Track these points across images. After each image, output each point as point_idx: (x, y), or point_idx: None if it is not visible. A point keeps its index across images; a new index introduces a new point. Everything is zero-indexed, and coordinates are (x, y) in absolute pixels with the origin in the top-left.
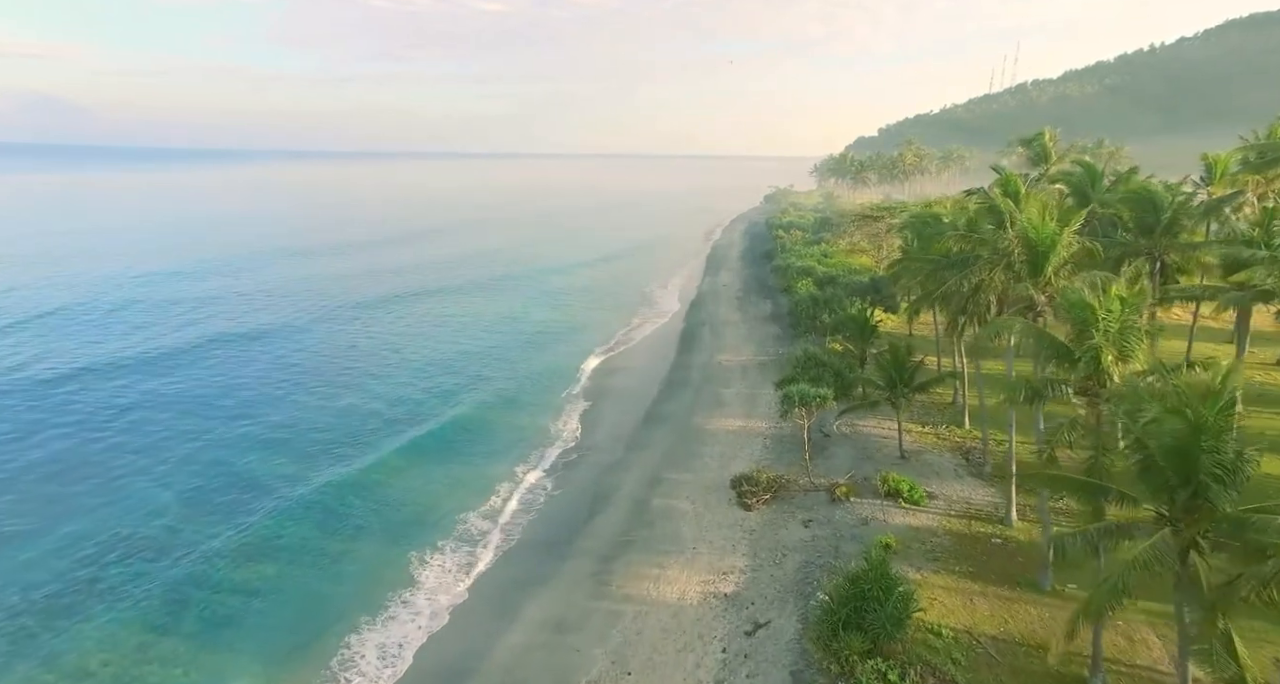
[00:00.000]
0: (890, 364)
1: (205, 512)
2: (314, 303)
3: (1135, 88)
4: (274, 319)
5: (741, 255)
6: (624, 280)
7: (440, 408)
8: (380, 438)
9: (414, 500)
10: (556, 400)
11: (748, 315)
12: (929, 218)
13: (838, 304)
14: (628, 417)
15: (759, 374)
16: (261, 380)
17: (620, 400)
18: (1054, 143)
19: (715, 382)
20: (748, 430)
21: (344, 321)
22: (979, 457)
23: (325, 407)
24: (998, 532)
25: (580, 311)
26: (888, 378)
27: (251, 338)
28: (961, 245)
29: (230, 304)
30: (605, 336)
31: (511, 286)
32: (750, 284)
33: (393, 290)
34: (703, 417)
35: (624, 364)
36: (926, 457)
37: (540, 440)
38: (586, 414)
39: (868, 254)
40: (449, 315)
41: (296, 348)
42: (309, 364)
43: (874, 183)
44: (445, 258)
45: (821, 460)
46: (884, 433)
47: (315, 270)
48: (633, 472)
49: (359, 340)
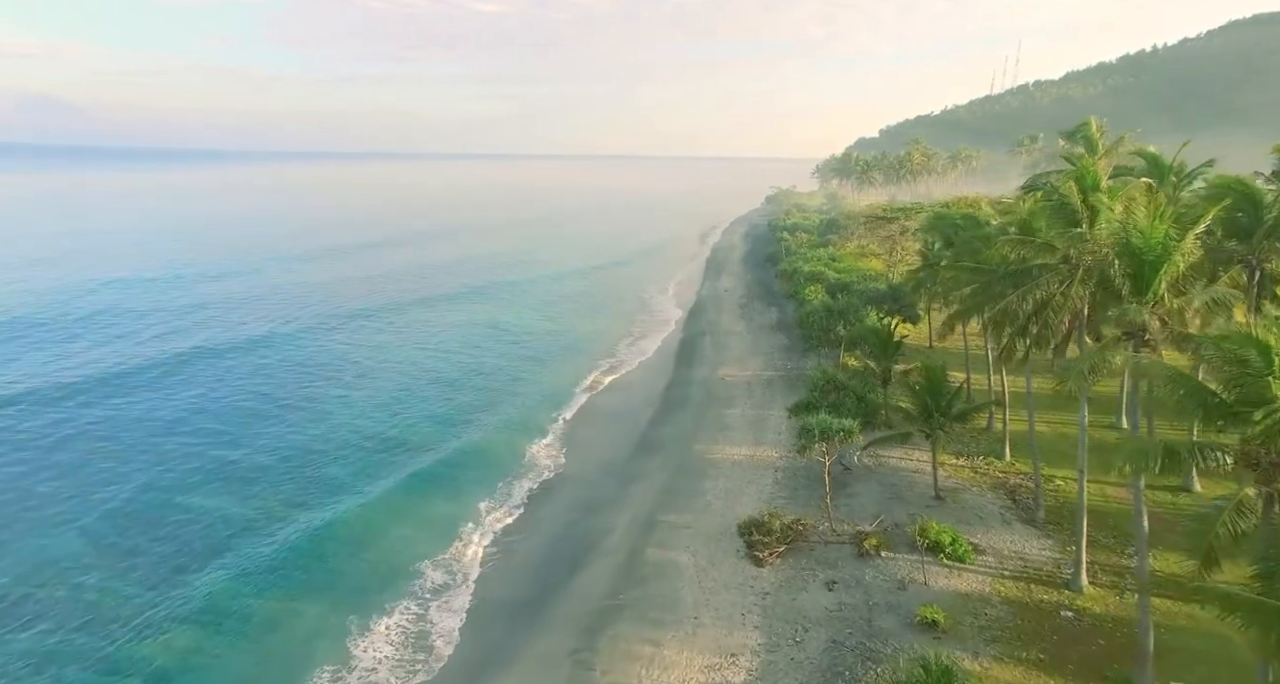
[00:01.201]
0: (925, 389)
1: (125, 571)
2: (299, 312)
3: (1138, 88)
4: (253, 331)
5: (743, 258)
6: (620, 285)
7: (410, 433)
8: (342, 470)
9: (368, 548)
10: (539, 422)
11: (752, 324)
12: (961, 219)
13: (853, 314)
14: (619, 443)
15: (766, 391)
16: (223, 404)
17: (611, 423)
18: (1102, 134)
19: (718, 400)
20: (756, 461)
21: (326, 333)
22: (1029, 498)
23: (288, 435)
24: (1066, 600)
25: (572, 319)
26: (922, 405)
27: (223, 353)
28: (1019, 252)
29: (209, 314)
30: (597, 348)
31: (502, 293)
32: (754, 289)
33: (380, 298)
34: (704, 443)
35: (617, 380)
36: (965, 497)
37: (517, 471)
38: (572, 439)
39: (879, 258)
40: (434, 326)
41: (271, 365)
42: (281, 384)
43: (880, 183)
44: (437, 263)
45: (843, 500)
46: (913, 465)
47: (305, 276)
48: (624, 512)
49: (339, 355)
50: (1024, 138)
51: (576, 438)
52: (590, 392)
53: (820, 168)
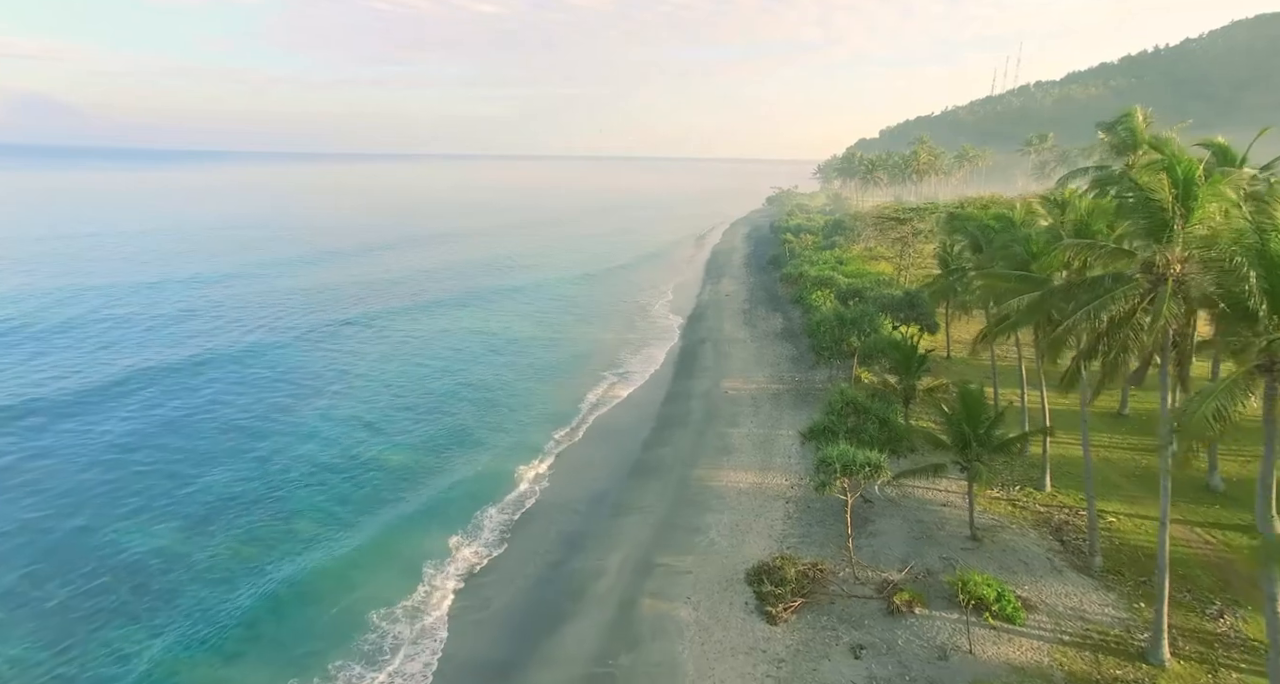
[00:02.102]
0: (962, 416)
1: (38, 634)
2: (284, 321)
3: (1141, 90)
4: (233, 343)
5: (745, 261)
6: (618, 289)
7: (387, 456)
8: (309, 500)
9: (325, 595)
10: (522, 442)
11: (756, 331)
12: (993, 220)
13: (868, 323)
14: (612, 465)
15: (773, 407)
16: (189, 425)
17: (605, 442)
18: (1148, 124)
19: (720, 417)
20: (764, 489)
21: (309, 344)
22: (1079, 540)
23: (257, 458)
24: (1147, 679)
25: (567, 327)
26: (957, 433)
27: (196, 367)
28: (1083, 258)
29: (189, 324)
30: (591, 357)
31: (496, 299)
32: (757, 294)
33: (370, 306)
34: (706, 468)
35: (611, 392)
36: (1005, 536)
37: (497, 498)
38: (559, 461)
39: (889, 261)
40: (422, 336)
41: (249, 379)
42: (257, 400)
43: (885, 183)
44: (431, 267)
45: (865, 539)
46: (942, 497)
47: (293, 282)
48: (616, 551)
49: (321, 367)
50: (1033, 137)
51: (563, 460)
52: (584, 406)
53: (822, 168)
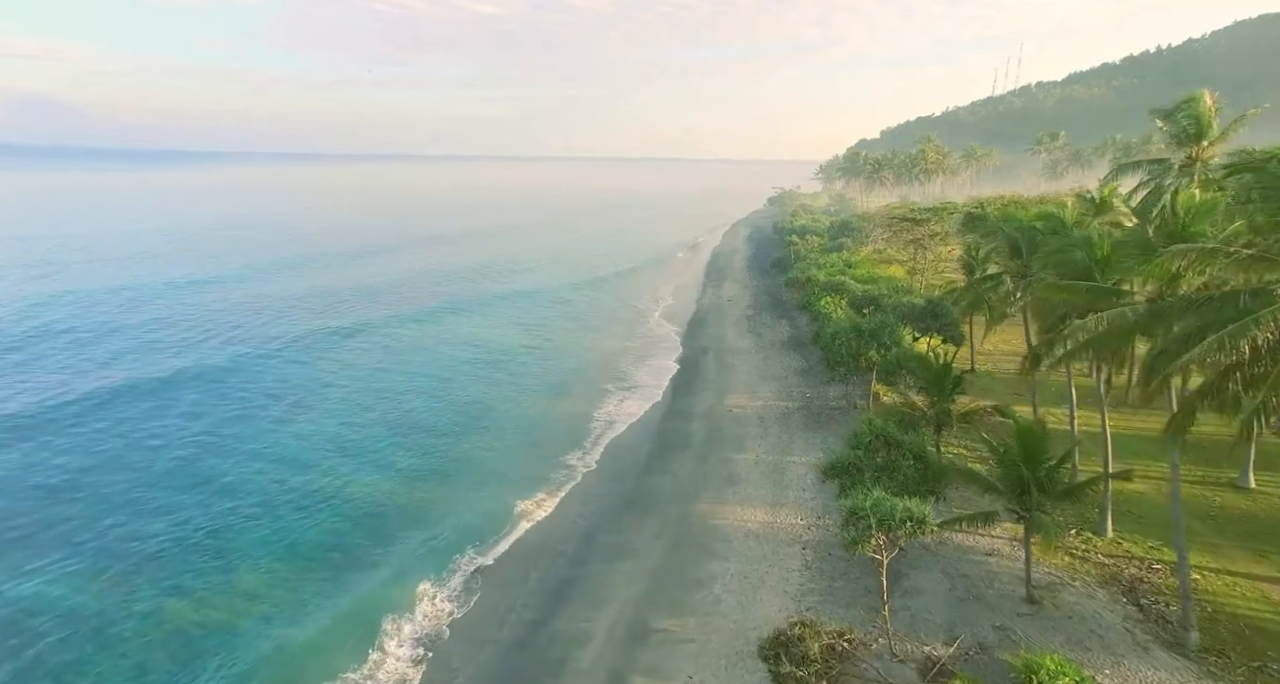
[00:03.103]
0: (1020, 458)
1: None
2: (262, 330)
3: (1143, 89)
4: (201, 355)
5: (747, 264)
6: (615, 293)
7: (350, 484)
8: (255, 536)
9: (258, 668)
10: (511, 467)
11: (761, 340)
12: (1041, 222)
13: (888, 335)
14: (602, 497)
15: (782, 428)
16: (131, 459)
17: (596, 469)
18: (1216, 110)
19: (725, 441)
20: (776, 530)
21: (287, 356)
22: (1161, 603)
23: (207, 490)
24: None
25: (561, 333)
26: (1013, 478)
27: (157, 385)
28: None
29: (162, 335)
30: (588, 370)
31: (491, 304)
32: (761, 299)
33: (358, 314)
34: (709, 501)
35: (610, 411)
36: (1069, 598)
37: (468, 534)
38: (553, 493)
39: (901, 264)
40: (407, 347)
41: (209, 400)
42: (210, 427)
43: (891, 183)
44: (426, 271)
45: (899, 598)
46: (985, 543)
47: (278, 288)
48: (605, 608)
49: (295, 382)
50: (1043, 136)
51: (555, 492)
52: (573, 423)
53: (824, 168)
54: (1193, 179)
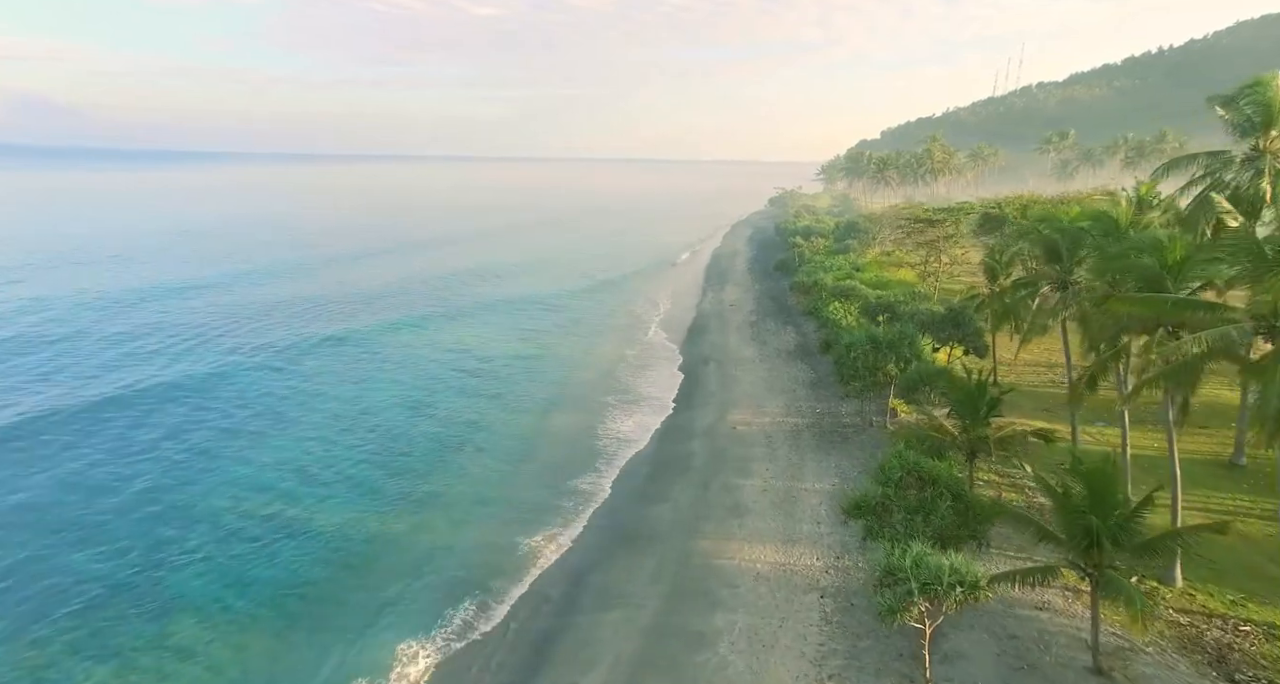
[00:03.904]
0: (1087, 503)
1: None
2: (244, 340)
3: (1145, 90)
4: (167, 368)
5: (749, 266)
6: (612, 297)
7: (310, 519)
8: (191, 583)
9: None
10: (498, 491)
11: (766, 349)
12: (1090, 222)
13: (908, 347)
14: (593, 527)
15: (792, 449)
16: (72, 486)
17: (579, 497)
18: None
19: (728, 463)
20: (789, 573)
21: (262, 369)
22: (1260, 679)
23: (151, 521)
24: None
25: (554, 341)
26: (1078, 528)
27: (114, 402)
28: None
29: (131, 347)
30: (580, 380)
31: (485, 311)
32: (764, 304)
33: (344, 322)
34: (713, 536)
35: (607, 422)
36: (1144, 669)
37: (456, 579)
38: (542, 530)
39: (913, 268)
40: (398, 356)
41: (172, 418)
42: (178, 445)
43: (896, 183)
44: (421, 275)
45: (940, 665)
46: (1035, 596)
47: (264, 294)
48: (591, 673)
49: (268, 399)
50: (1052, 135)
51: (523, 515)
52: (562, 444)
53: (826, 168)
54: (1261, 173)
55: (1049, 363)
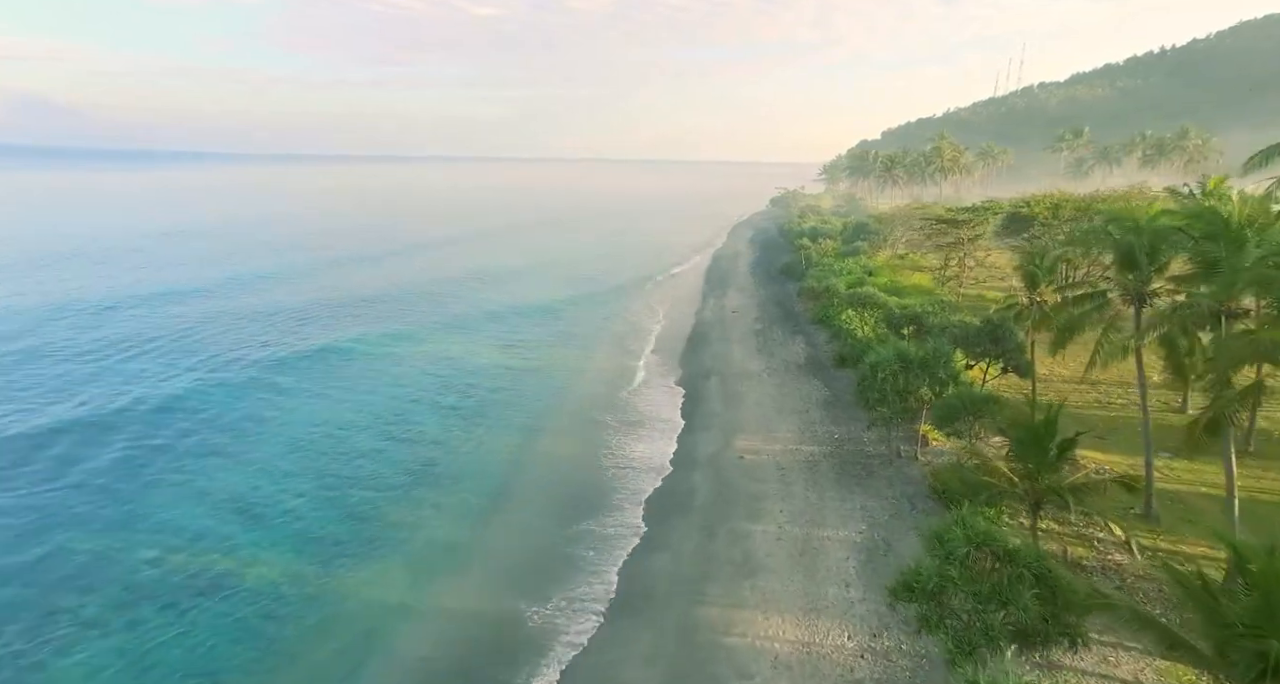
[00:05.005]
0: (1261, 614)
1: None
2: (194, 358)
3: (1148, 90)
4: (105, 394)
5: (752, 269)
6: (610, 303)
7: (255, 561)
8: (76, 655)
9: None
10: (473, 538)
11: (773, 361)
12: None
13: (943, 368)
14: (578, 586)
15: (809, 483)
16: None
17: (562, 541)
18: None
19: (736, 503)
20: (816, 656)
21: (220, 389)
22: None
23: (55, 568)
24: None
25: (542, 352)
26: (1245, 653)
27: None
28: None
29: (95, 366)
30: (571, 398)
31: (478, 322)
32: (769, 310)
33: (329, 335)
34: (720, 602)
35: (590, 449)
36: None
37: (388, 643)
38: (495, 571)
39: (929, 271)
40: (375, 373)
41: (87, 449)
42: (121, 475)
43: (904, 182)
44: (413, 281)
45: None
46: (1109, 671)
47: (233, 304)
48: None
49: (203, 427)
50: (1065, 132)
51: (500, 568)
52: (547, 477)
53: (829, 167)
54: None
55: (1090, 379)
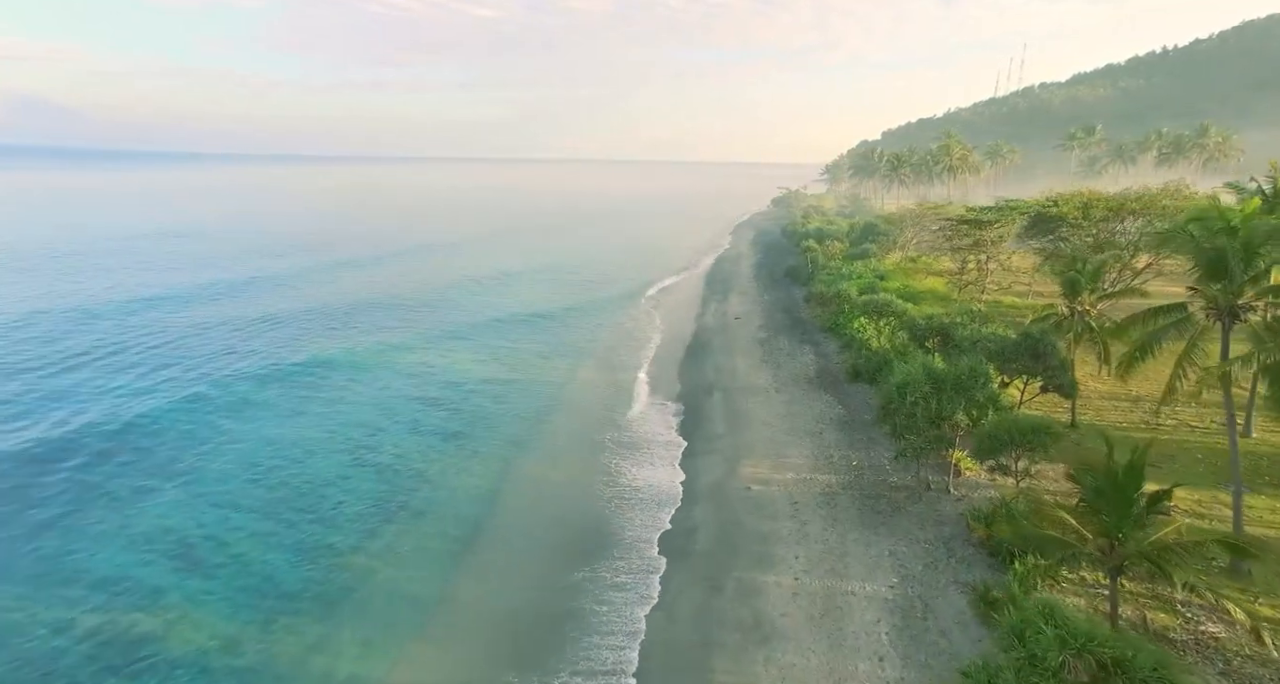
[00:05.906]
0: None
1: None
2: (156, 374)
3: (1150, 90)
4: (57, 413)
5: (755, 272)
6: (606, 308)
7: (167, 630)
8: None
9: None
10: (413, 588)
11: (781, 374)
12: None
13: (979, 387)
14: (568, 649)
15: (828, 522)
16: None
17: (542, 591)
18: None
19: (744, 547)
20: None
21: (175, 408)
22: None
23: None
24: None
25: (531, 363)
26: None
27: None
28: None
29: (58, 384)
30: (562, 419)
31: (471, 332)
32: (775, 317)
33: (281, 349)
34: (724, 680)
35: (579, 476)
36: None
37: None
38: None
39: (943, 276)
40: (358, 390)
41: (53, 473)
42: (73, 506)
43: (911, 182)
44: (404, 289)
45: None
46: None
47: (214, 312)
48: None
49: (150, 452)
50: (1076, 130)
51: (467, 628)
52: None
53: (831, 167)
54: None
55: (1132, 396)
